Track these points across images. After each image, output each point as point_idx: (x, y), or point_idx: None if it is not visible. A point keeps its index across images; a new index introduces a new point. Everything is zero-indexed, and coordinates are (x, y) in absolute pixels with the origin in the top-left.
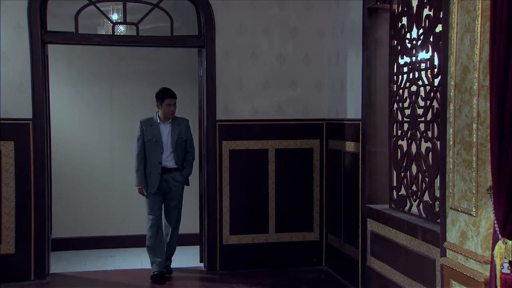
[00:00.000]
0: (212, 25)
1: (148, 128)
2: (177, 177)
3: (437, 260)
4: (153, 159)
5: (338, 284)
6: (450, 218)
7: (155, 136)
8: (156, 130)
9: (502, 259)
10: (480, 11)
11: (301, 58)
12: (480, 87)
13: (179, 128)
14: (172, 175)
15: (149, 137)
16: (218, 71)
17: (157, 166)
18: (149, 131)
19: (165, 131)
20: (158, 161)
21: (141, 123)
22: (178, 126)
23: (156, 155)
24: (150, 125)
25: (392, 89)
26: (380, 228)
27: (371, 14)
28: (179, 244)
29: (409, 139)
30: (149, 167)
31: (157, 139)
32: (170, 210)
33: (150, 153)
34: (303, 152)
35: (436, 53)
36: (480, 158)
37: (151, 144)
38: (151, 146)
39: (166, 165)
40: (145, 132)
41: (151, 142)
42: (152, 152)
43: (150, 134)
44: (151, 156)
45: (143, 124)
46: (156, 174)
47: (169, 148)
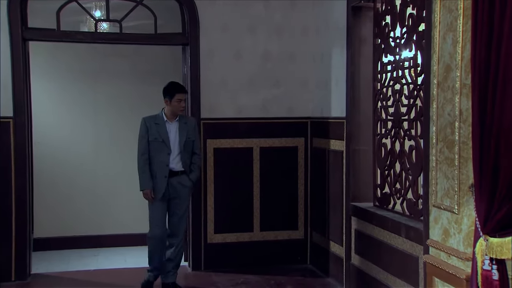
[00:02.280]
0: (196, 22)
1: (153, 126)
2: (185, 181)
3: (420, 257)
4: (158, 161)
5: (322, 283)
6: (433, 215)
7: (161, 136)
8: (163, 129)
9: (483, 256)
10: (462, 10)
11: (285, 56)
12: (462, 86)
13: (186, 127)
14: (179, 179)
15: (155, 137)
16: (202, 69)
17: (163, 168)
18: (155, 129)
19: (173, 130)
20: (165, 163)
21: (145, 121)
22: (186, 125)
23: (162, 156)
24: (155, 123)
25: (376, 87)
26: (364, 226)
27: (355, 12)
28: None
29: (393, 137)
30: (154, 170)
31: (164, 138)
32: (177, 219)
33: (155, 154)
34: (287, 150)
35: (419, 52)
36: (462, 156)
37: (157, 144)
38: (157, 147)
39: (173, 167)
40: (150, 131)
41: (157, 142)
42: (157, 153)
43: (156, 133)
44: (156, 157)
45: (147, 122)
46: (162, 178)
47: (176, 149)
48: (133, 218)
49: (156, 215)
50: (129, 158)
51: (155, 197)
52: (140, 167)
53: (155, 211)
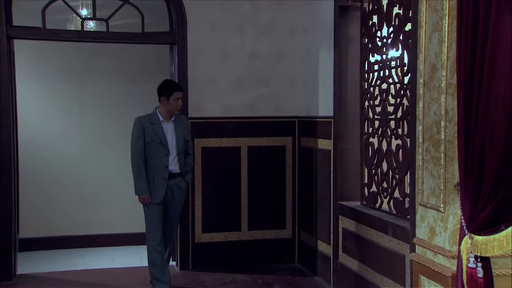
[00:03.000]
0: (184, 22)
1: (149, 126)
2: (181, 183)
3: (407, 256)
4: (157, 163)
5: (310, 281)
6: (419, 214)
7: (159, 137)
8: (160, 129)
9: (468, 253)
10: (447, 10)
11: (273, 55)
12: (448, 85)
13: (182, 127)
14: (177, 181)
15: (151, 138)
16: (189, 68)
17: (163, 171)
18: (151, 130)
19: (169, 130)
20: (164, 165)
21: (140, 121)
22: (181, 125)
23: (161, 158)
24: (151, 123)
25: (363, 86)
26: (351, 225)
27: (342, 12)
28: None
29: (380, 136)
30: (152, 173)
31: (162, 139)
32: (172, 220)
33: (153, 157)
34: (275, 149)
35: (406, 51)
36: (448, 155)
37: (154, 146)
38: (154, 148)
39: (172, 169)
40: (146, 132)
41: (154, 144)
42: (155, 155)
43: (153, 133)
44: (153, 159)
45: (143, 122)
46: (161, 181)
47: (174, 150)
48: (120, 218)
49: (155, 219)
50: (116, 158)
51: (154, 201)
52: (136, 170)
53: (154, 215)
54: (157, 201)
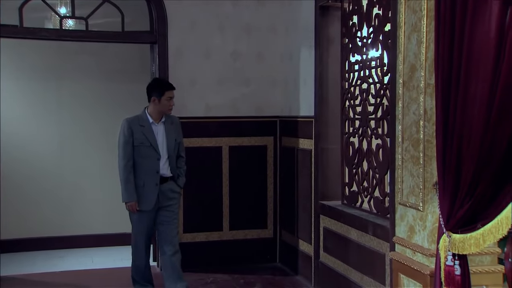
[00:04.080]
0: (165, 20)
1: (138, 129)
2: (174, 187)
3: (387, 254)
4: (147, 168)
5: (292, 281)
6: (399, 213)
7: (149, 139)
8: (149, 132)
9: (446, 251)
10: (426, 11)
11: (254, 55)
12: (427, 85)
13: (173, 128)
14: (169, 185)
15: (141, 141)
16: (171, 67)
17: (153, 176)
18: (140, 133)
19: (160, 132)
20: (155, 170)
21: (128, 123)
22: (172, 126)
23: (151, 162)
24: (140, 125)
25: (344, 86)
26: (332, 224)
27: (323, 12)
28: None
29: (360, 136)
30: (142, 178)
31: (152, 142)
32: (169, 230)
33: (142, 160)
34: (257, 149)
35: (385, 52)
36: (427, 154)
37: (144, 149)
38: (144, 152)
39: (164, 173)
40: (135, 134)
41: (143, 147)
42: (145, 159)
43: (142, 136)
44: (143, 163)
45: (131, 124)
46: (153, 186)
47: (165, 153)
48: (100, 219)
49: (142, 230)
50: (95, 158)
51: (143, 209)
52: (125, 176)
53: (142, 225)
54: (147, 208)
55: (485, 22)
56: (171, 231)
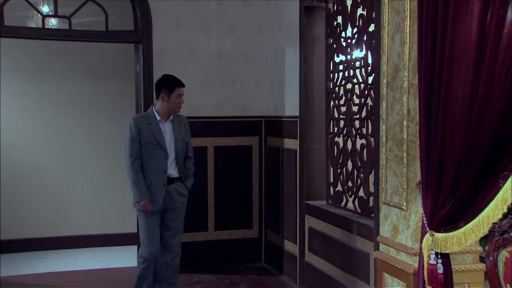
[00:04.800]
0: (149, 20)
1: (146, 127)
2: (182, 189)
3: (371, 254)
4: (154, 167)
5: (277, 281)
6: (383, 212)
7: (156, 138)
8: (157, 130)
9: (429, 250)
10: (409, 12)
11: (239, 55)
12: (410, 86)
13: (181, 127)
14: (176, 186)
15: (149, 139)
16: (155, 67)
17: (161, 176)
18: (148, 131)
19: (167, 131)
20: (162, 169)
21: (135, 121)
22: (180, 125)
23: (159, 161)
24: (148, 123)
25: (328, 86)
26: (317, 224)
27: (307, 12)
28: (117, 244)
29: (345, 136)
30: (149, 177)
31: (160, 141)
32: (172, 233)
33: (150, 159)
34: (242, 149)
35: (369, 52)
36: (410, 154)
37: (151, 148)
38: (151, 150)
39: (171, 174)
40: (143, 132)
41: (150, 145)
42: (152, 158)
43: (150, 134)
44: (150, 163)
45: (139, 122)
46: (160, 186)
47: (172, 152)
48: (84, 219)
49: (152, 231)
50: (79, 158)
51: (152, 209)
52: (133, 174)
53: (151, 225)
54: (155, 208)
55: (466, 23)
56: (176, 242)
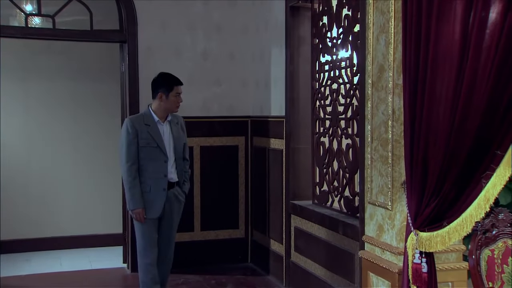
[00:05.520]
0: (134, 19)
1: (144, 128)
2: (180, 195)
3: (356, 253)
4: (154, 171)
5: (263, 281)
6: (368, 212)
7: (155, 140)
8: (156, 131)
9: (414, 249)
10: (393, 12)
11: (225, 55)
12: (395, 86)
13: (178, 128)
14: (175, 191)
15: (147, 141)
16: (141, 67)
17: (161, 180)
18: (146, 132)
19: (166, 132)
20: (163, 174)
21: (132, 123)
22: (178, 126)
23: (158, 165)
24: (145, 125)
25: (314, 86)
26: (303, 224)
27: (293, 12)
28: (101, 245)
29: (330, 136)
30: (148, 183)
31: (159, 143)
32: (167, 240)
33: (148, 163)
34: (228, 149)
35: (355, 52)
36: (395, 154)
37: (150, 151)
38: (150, 153)
39: (171, 178)
40: (141, 134)
41: (149, 148)
42: (151, 162)
43: (148, 136)
44: (149, 166)
45: (136, 123)
46: (160, 192)
47: (172, 155)
48: (69, 220)
49: (150, 238)
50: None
51: (150, 216)
52: (130, 180)
53: (149, 233)
54: (154, 216)
55: (449, 24)
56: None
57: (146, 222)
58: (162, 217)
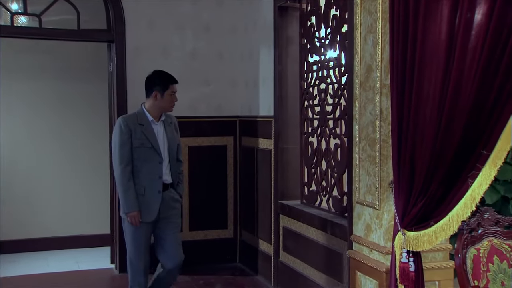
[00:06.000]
0: (122, 19)
1: (138, 128)
2: (175, 195)
3: (344, 253)
4: (148, 173)
5: (251, 281)
6: (356, 212)
7: (150, 140)
8: (150, 131)
9: (401, 249)
10: (381, 13)
11: (214, 54)
12: (383, 86)
13: (172, 128)
14: (171, 193)
15: (141, 141)
16: (129, 66)
17: (156, 182)
18: (140, 132)
19: (160, 132)
20: (157, 175)
21: (126, 122)
22: (171, 126)
23: (153, 166)
24: (139, 124)
25: (302, 86)
26: (292, 224)
27: (281, 12)
28: (90, 246)
29: (319, 135)
30: (142, 184)
31: (154, 144)
32: (171, 244)
33: (142, 164)
34: (216, 149)
35: (343, 52)
36: (383, 153)
37: (144, 152)
38: (144, 154)
39: (166, 179)
40: (135, 135)
41: (143, 149)
42: (145, 163)
43: (142, 136)
44: (143, 168)
45: (130, 123)
46: (155, 194)
47: (166, 156)
48: (54, 221)
49: (141, 244)
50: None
51: (145, 220)
52: (125, 183)
53: (140, 238)
54: (149, 220)
55: (436, 24)
56: (176, 248)
57: (139, 226)
58: (158, 220)
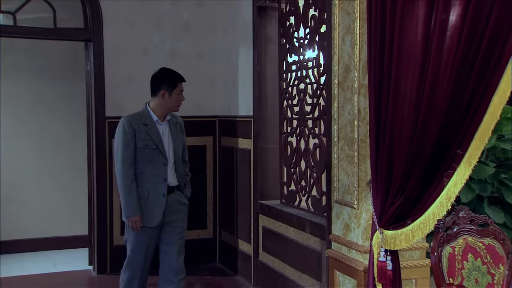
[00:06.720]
0: (100, 18)
1: (142, 128)
2: (182, 198)
3: (323, 252)
4: (152, 175)
5: (231, 281)
6: (335, 211)
7: (154, 141)
8: (155, 132)
9: (379, 248)
10: (359, 13)
11: (193, 54)
12: (360, 86)
13: (178, 128)
14: (176, 196)
15: (146, 142)
16: (107, 66)
17: (160, 185)
18: (144, 133)
19: (165, 133)
20: (162, 177)
21: (130, 122)
22: (177, 126)
23: (157, 168)
24: (143, 124)
25: (282, 86)
26: (271, 224)
27: (260, 12)
28: (67, 247)
29: (298, 135)
30: (146, 187)
31: (158, 145)
32: (175, 254)
33: (146, 166)
34: (196, 149)
35: (321, 52)
36: (361, 153)
37: (149, 153)
38: (149, 156)
39: (171, 182)
40: (139, 135)
41: (148, 150)
42: (149, 165)
43: (147, 137)
44: (146, 170)
45: (133, 123)
46: (159, 197)
47: (171, 157)
48: (31, 222)
49: (141, 249)
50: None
51: (148, 225)
52: (127, 185)
53: (141, 244)
54: (152, 225)
55: (413, 25)
56: (178, 256)
57: (141, 231)
58: (164, 224)
